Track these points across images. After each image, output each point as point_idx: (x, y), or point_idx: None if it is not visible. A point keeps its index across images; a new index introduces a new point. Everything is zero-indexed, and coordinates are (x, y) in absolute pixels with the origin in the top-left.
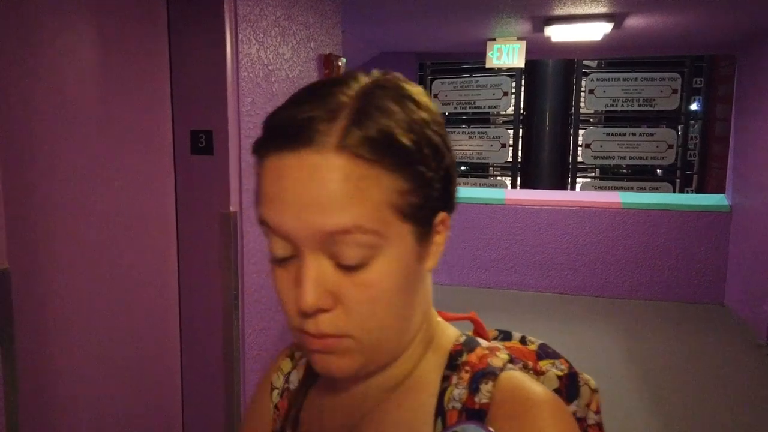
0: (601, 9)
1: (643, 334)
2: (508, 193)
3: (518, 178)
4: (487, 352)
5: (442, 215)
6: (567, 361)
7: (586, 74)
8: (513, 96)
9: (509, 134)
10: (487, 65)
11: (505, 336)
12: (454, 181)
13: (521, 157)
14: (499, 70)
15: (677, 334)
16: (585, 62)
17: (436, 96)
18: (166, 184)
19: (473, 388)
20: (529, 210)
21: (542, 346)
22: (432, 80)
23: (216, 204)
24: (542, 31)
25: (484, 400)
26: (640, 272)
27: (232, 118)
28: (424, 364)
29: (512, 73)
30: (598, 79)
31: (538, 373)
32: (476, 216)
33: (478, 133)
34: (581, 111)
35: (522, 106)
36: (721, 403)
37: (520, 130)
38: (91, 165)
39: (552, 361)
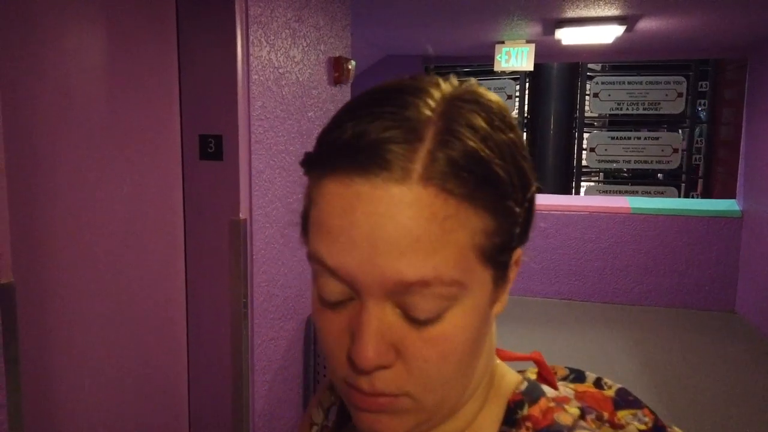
0: (614, 11)
1: (653, 342)
2: None
3: None
4: (553, 405)
5: (519, 252)
6: (652, 412)
7: (590, 77)
8: (517, 99)
9: None
10: (496, 68)
11: (577, 376)
12: (534, 212)
13: None
14: (503, 73)
15: (688, 342)
16: (590, 66)
17: None
18: (175, 191)
19: None
20: (536, 214)
21: (621, 392)
22: None
23: (225, 211)
24: (552, 33)
25: None
26: (650, 279)
27: (243, 122)
28: (480, 420)
29: (516, 76)
30: (602, 83)
31: (615, 427)
32: None
33: None
34: (586, 114)
35: (526, 109)
36: (733, 413)
37: (525, 134)
38: (96, 170)
39: (633, 411)
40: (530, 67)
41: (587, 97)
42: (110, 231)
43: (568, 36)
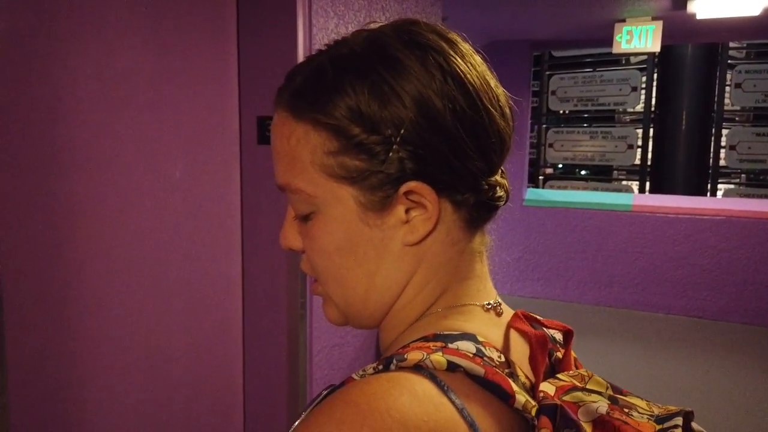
0: None
1: None
2: (635, 198)
3: (647, 183)
4: (436, 346)
5: (411, 185)
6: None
7: (731, 66)
8: (643, 91)
9: (637, 134)
10: (614, 51)
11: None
12: (446, 154)
13: (651, 160)
14: (627, 62)
15: None
16: (731, 52)
17: (554, 93)
18: (231, 179)
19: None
20: (662, 218)
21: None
22: (550, 75)
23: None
24: (684, 7)
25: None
26: None
27: None
28: (400, 339)
29: (643, 66)
30: (746, 71)
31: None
32: (596, 224)
33: (601, 132)
34: (725, 108)
35: (653, 102)
36: None
37: (651, 130)
38: (146, 155)
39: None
40: (656, 48)
41: (727, 88)
42: (161, 221)
43: (704, 8)
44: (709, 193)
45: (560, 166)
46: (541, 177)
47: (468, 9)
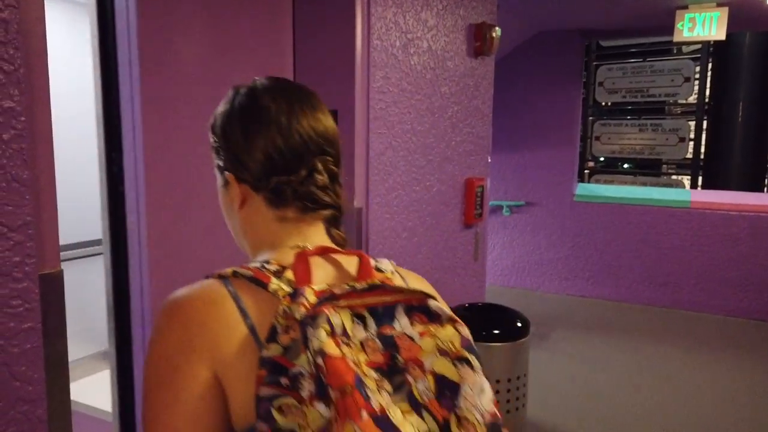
0: None
1: None
2: (694, 194)
3: (699, 178)
4: (244, 266)
5: (227, 175)
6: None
7: None
8: (697, 83)
9: (690, 126)
10: (675, 39)
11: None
12: (231, 156)
13: (705, 153)
14: (679, 51)
15: None
16: None
17: (601, 84)
18: None
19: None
20: (723, 215)
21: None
22: (597, 66)
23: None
24: None
25: None
26: None
27: (361, 95)
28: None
29: (697, 55)
30: None
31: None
32: (651, 220)
33: (651, 125)
34: None
35: (707, 94)
36: None
37: (704, 122)
38: (199, 152)
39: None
40: (721, 36)
41: None
42: (209, 219)
43: None
44: (766, 189)
45: (602, 159)
46: (586, 171)
47: None
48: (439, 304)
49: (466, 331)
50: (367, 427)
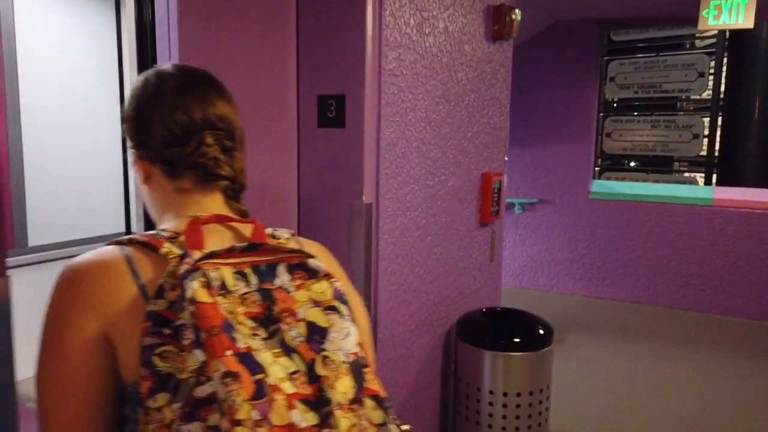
0: None
1: None
2: (716, 191)
3: (713, 175)
4: (142, 234)
5: (131, 151)
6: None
7: None
8: (711, 78)
9: (704, 123)
10: (700, 27)
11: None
12: (133, 135)
13: (719, 150)
14: (692, 46)
15: None
16: None
17: (612, 79)
18: (288, 166)
19: None
20: (749, 214)
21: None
22: (608, 62)
23: (346, 192)
24: None
25: None
26: None
27: (371, 78)
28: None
29: (712, 50)
30: None
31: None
32: (671, 219)
33: (664, 121)
34: None
35: (722, 89)
36: None
37: (719, 118)
38: None
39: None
40: (749, 24)
41: None
42: None
43: None
44: None
45: (608, 156)
46: (597, 168)
47: None
48: (318, 262)
49: (339, 284)
50: (230, 363)
